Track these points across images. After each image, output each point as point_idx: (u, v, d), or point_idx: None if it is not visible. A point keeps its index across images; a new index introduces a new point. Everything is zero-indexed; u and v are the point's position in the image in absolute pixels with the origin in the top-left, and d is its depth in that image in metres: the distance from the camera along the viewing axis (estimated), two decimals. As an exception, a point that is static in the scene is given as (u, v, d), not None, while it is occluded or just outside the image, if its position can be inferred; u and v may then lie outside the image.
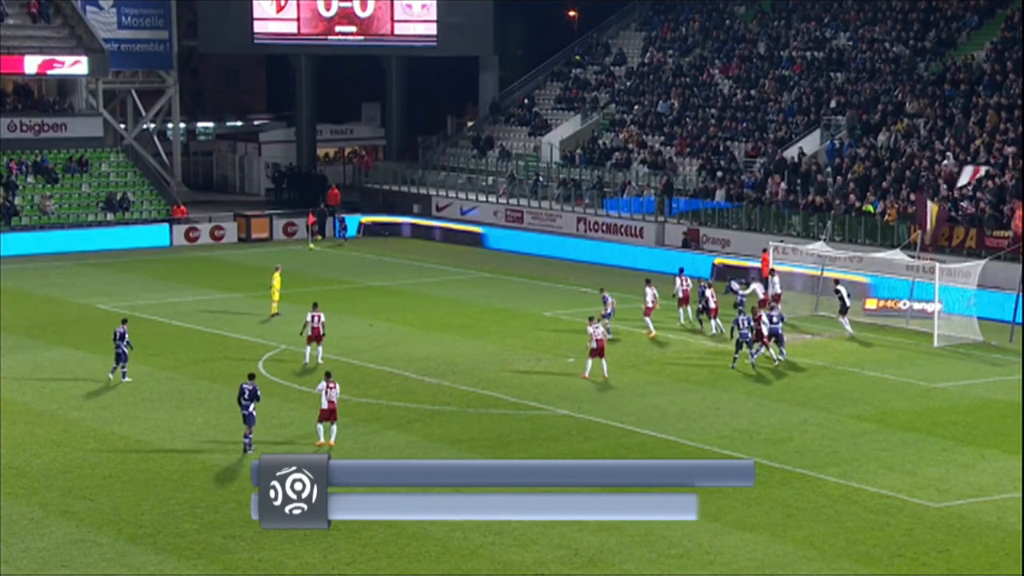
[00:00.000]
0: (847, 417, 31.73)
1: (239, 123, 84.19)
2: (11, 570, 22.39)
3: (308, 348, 36.72)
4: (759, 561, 22.64)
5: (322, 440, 29.02)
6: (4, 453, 28.72)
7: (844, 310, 39.91)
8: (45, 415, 31.90)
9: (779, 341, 35.82)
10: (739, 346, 35.10)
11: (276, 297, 43.62)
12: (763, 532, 24.00)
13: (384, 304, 46.56)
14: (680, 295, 41.32)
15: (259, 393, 29.01)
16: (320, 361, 36.33)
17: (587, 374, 34.86)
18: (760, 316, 35.79)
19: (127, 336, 34.68)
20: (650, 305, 40.10)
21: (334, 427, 29.08)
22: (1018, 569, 22.36)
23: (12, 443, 29.54)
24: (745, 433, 30.37)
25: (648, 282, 41.18)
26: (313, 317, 36.67)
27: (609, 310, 39.20)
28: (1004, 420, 31.59)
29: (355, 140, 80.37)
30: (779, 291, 42.26)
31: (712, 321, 40.05)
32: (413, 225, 63.42)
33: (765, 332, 35.48)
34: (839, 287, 40.37)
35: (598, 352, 34.64)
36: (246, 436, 28.73)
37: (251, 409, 28.67)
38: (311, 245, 60.40)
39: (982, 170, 47.59)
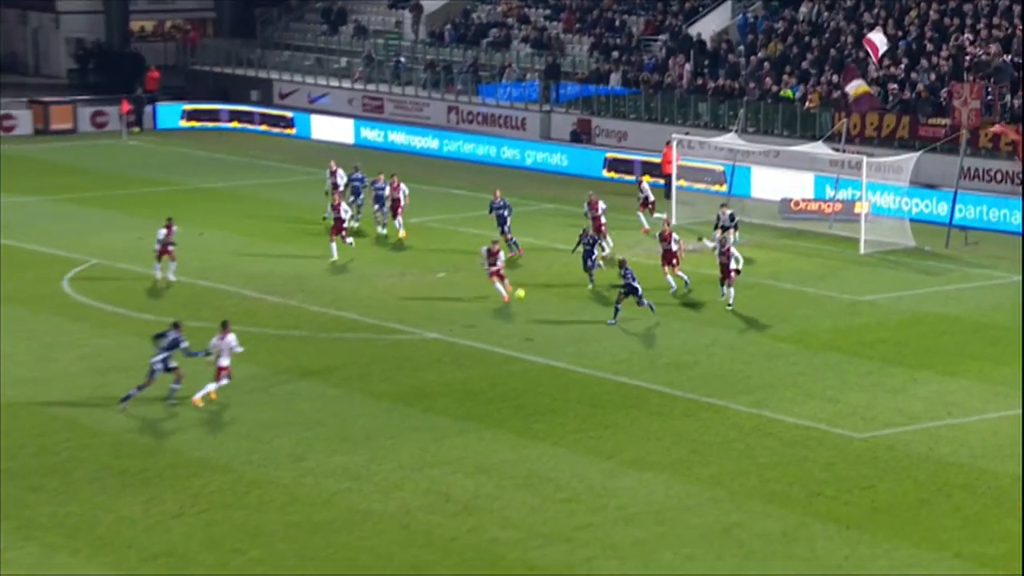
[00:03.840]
0: (761, 337, 32.37)
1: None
2: None
3: (158, 265, 36.36)
4: (659, 504, 23.10)
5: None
6: None
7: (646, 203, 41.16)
8: None
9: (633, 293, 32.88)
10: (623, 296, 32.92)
11: None
12: (664, 471, 24.45)
13: (217, 209, 46.03)
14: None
15: (184, 344, 27.11)
16: (171, 278, 36.09)
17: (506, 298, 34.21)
18: (729, 250, 34.01)
19: None
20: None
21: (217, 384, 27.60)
22: (949, 505, 23.18)
23: None
24: (644, 357, 30.82)
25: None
26: (163, 232, 35.97)
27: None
28: (938, 337, 32.56)
29: (178, 12, 78.82)
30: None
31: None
32: (263, 115, 62.63)
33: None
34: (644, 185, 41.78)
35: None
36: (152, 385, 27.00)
37: (168, 363, 26.83)
38: (127, 138, 59.33)
39: (878, 38, 46.90)
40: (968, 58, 48.40)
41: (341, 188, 42.84)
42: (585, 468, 24.51)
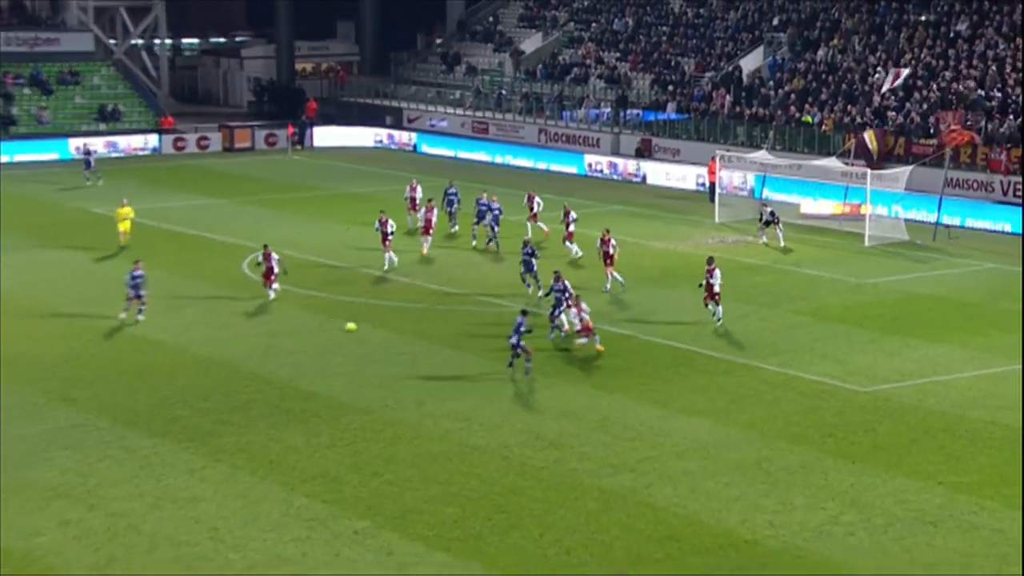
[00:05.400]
0: (785, 311, 31.97)
1: (222, 40, 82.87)
2: (16, 450, 22.35)
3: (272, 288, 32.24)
4: (704, 442, 22.91)
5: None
6: (8, 344, 28.55)
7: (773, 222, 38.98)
8: (46, 310, 31.67)
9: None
10: None
11: (127, 228, 38.72)
12: (708, 417, 24.25)
13: (359, 209, 46.22)
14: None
15: (523, 328, 25.97)
16: (271, 296, 32.21)
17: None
18: (714, 270, 30.08)
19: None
20: None
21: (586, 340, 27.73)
22: (934, 444, 22.76)
23: (15, 335, 29.37)
24: (692, 327, 30.55)
25: None
26: (264, 256, 32.44)
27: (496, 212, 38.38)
28: (927, 312, 31.96)
29: (331, 56, 79.30)
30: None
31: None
32: (395, 135, 62.86)
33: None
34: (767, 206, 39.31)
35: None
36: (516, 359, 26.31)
37: (519, 340, 26.04)
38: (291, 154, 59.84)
39: (904, 71, 47.33)
40: (952, 92, 47.49)
41: (417, 204, 40.95)
42: (646, 414, 24.38)
